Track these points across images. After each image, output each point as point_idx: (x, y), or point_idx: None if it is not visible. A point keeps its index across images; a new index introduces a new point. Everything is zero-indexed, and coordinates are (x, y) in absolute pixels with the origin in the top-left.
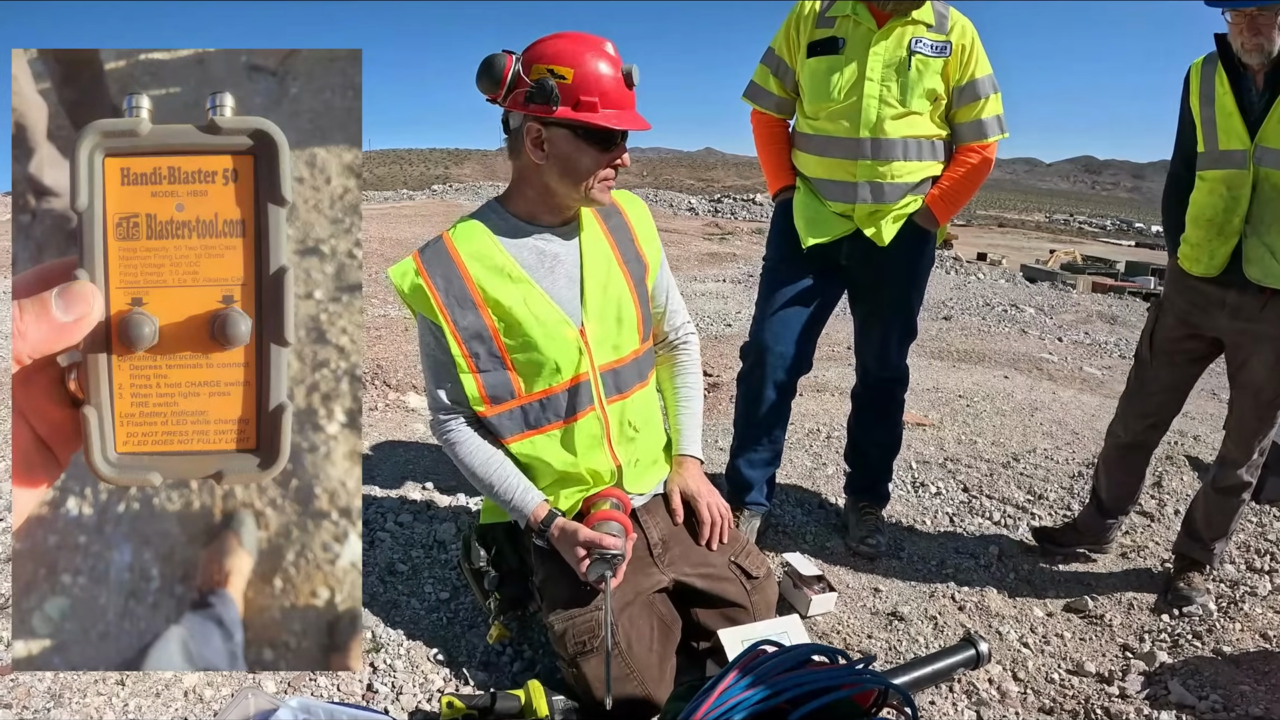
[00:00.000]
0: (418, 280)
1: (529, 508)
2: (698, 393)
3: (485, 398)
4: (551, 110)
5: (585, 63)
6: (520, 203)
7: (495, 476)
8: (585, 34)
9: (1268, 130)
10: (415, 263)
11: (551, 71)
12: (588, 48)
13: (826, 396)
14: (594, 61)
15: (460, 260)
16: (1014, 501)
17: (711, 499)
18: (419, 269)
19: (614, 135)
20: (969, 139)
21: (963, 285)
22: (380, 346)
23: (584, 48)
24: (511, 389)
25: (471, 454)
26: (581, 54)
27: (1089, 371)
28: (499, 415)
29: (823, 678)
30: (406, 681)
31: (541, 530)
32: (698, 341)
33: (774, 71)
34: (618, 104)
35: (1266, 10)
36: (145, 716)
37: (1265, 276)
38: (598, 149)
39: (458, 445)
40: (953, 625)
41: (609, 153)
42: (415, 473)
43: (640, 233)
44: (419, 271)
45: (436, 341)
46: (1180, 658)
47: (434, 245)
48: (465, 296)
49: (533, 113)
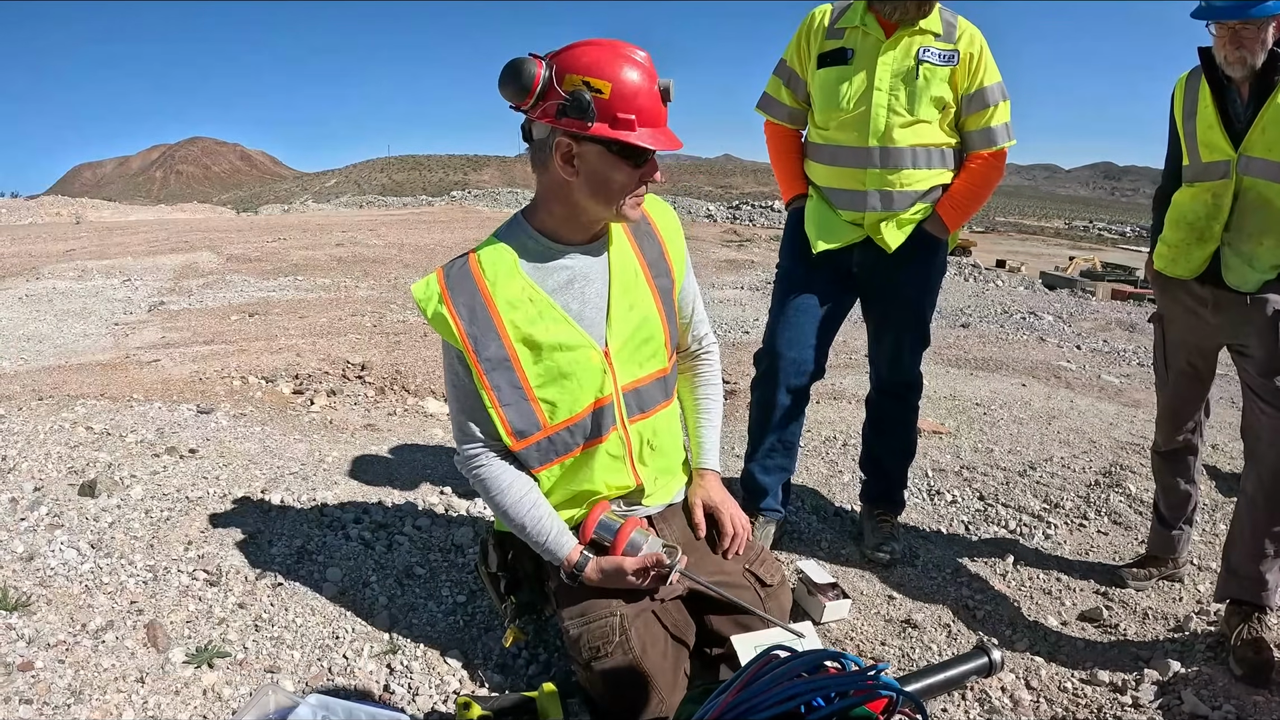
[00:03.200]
0: (441, 309)
1: (562, 553)
2: (718, 404)
3: (510, 433)
4: (587, 126)
5: (623, 76)
6: (547, 219)
7: (529, 519)
8: (620, 43)
9: (1252, 140)
10: (440, 287)
11: (587, 84)
12: (626, 60)
13: (843, 404)
14: (632, 75)
15: (485, 287)
16: (1030, 510)
17: (734, 511)
18: (443, 296)
19: (648, 152)
20: (978, 146)
21: (981, 293)
22: (399, 352)
23: (622, 60)
24: (536, 421)
25: (503, 492)
26: (620, 67)
27: (1107, 379)
28: (527, 449)
29: (835, 683)
30: (423, 683)
31: (574, 574)
32: (718, 351)
33: (786, 83)
34: (653, 121)
35: (1249, 24)
36: (164, 714)
37: (1243, 283)
38: (631, 166)
39: (488, 482)
40: (966, 633)
41: (641, 169)
42: (433, 477)
43: (669, 242)
44: (443, 299)
45: (466, 371)
46: (1194, 668)
47: (460, 268)
48: (489, 325)
49: (565, 127)
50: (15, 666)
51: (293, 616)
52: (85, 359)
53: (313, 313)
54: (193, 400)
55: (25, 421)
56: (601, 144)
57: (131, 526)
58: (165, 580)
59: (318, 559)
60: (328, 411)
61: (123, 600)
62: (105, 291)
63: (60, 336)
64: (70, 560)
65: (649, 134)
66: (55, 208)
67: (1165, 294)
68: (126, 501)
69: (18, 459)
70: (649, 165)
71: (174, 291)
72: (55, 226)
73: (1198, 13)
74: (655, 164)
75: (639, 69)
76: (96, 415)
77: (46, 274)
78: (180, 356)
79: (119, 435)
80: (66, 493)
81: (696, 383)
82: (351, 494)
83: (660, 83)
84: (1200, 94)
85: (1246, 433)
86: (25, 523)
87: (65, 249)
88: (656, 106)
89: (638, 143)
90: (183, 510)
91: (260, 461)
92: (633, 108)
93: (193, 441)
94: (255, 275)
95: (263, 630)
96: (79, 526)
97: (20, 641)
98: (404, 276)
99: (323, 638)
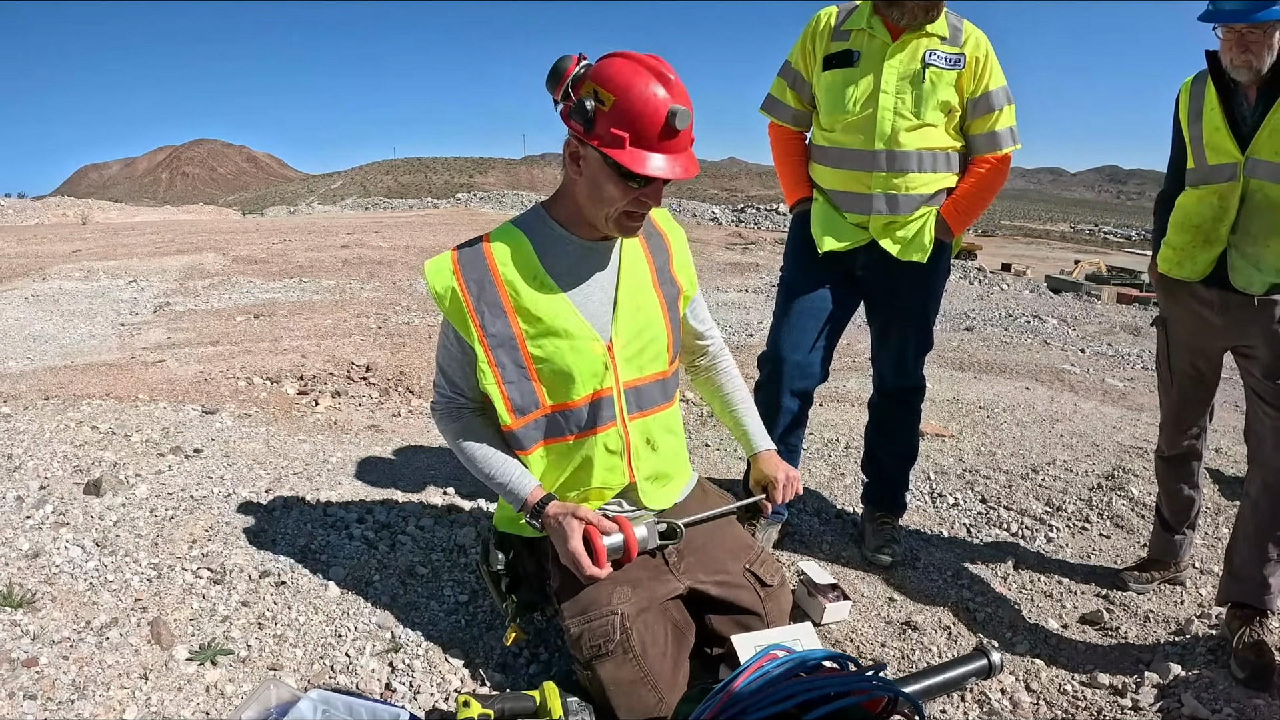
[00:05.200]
0: (452, 282)
1: (524, 493)
2: (747, 394)
3: (511, 409)
4: (583, 134)
5: (630, 93)
6: (563, 210)
7: (494, 461)
8: (657, 61)
9: (1259, 143)
10: (452, 263)
11: (596, 93)
12: (645, 78)
13: (846, 406)
14: (643, 94)
15: (495, 266)
16: (1032, 513)
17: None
18: (455, 270)
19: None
20: (983, 150)
21: (986, 296)
22: (404, 353)
23: (641, 78)
24: (536, 400)
25: (467, 433)
26: (634, 83)
27: (1111, 383)
28: (524, 427)
29: (832, 684)
30: (424, 681)
31: (537, 511)
32: (729, 353)
33: (791, 85)
34: (650, 144)
35: (1256, 28)
36: (168, 710)
37: (1249, 285)
38: (623, 182)
39: (455, 423)
40: (966, 636)
41: (638, 190)
42: (437, 478)
43: (677, 257)
44: (454, 273)
45: (459, 344)
46: (1195, 671)
47: (473, 248)
48: (496, 303)
49: (571, 129)
50: (20, 663)
51: (295, 615)
52: (91, 359)
53: (318, 314)
54: (198, 401)
55: (31, 421)
56: (600, 154)
57: (136, 525)
58: (169, 578)
59: (321, 558)
60: (332, 412)
61: (127, 598)
62: (111, 292)
63: (66, 337)
64: (75, 558)
65: (639, 156)
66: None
67: (1170, 297)
68: (131, 500)
69: (24, 457)
70: (649, 189)
71: (179, 293)
72: (61, 227)
73: (1205, 16)
74: (657, 189)
75: (651, 89)
76: (102, 415)
77: (53, 274)
78: (185, 357)
79: (124, 435)
80: (72, 491)
81: (720, 380)
82: (355, 494)
83: (671, 108)
84: (1206, 97)
85: (1250, 436)
86: (31, 520)
87: (71, 250)
88: (657, 130)
89: (618, 160)
90: (187, 509)
91: (264, 461)
92: (630, 127)
93: (197, 441)
94: (261, 277)
95: (266, 628)
96: (84, 524)
97: (25, 638)
98: (409, 278)
99: (325, 636)
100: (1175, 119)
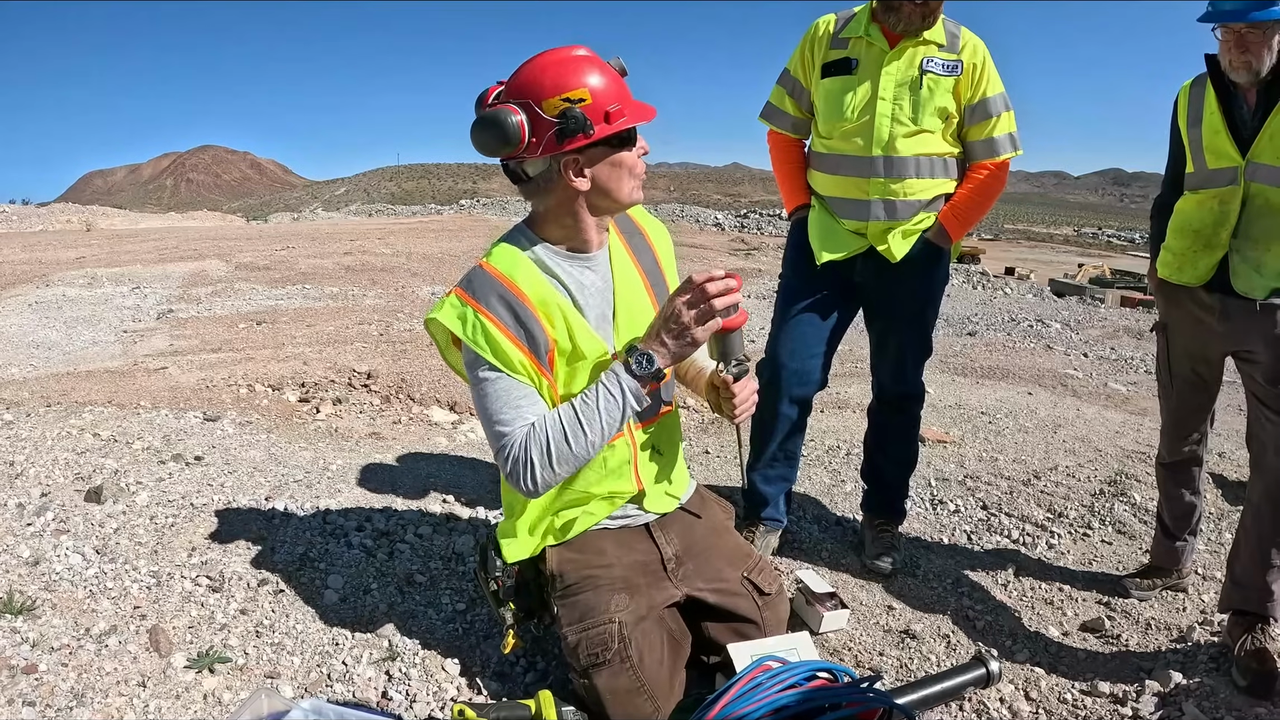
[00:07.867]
0: (479, 319)
1: (628, 396)
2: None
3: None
4: (590, 136)
5: (589, 78)
6: (556, 231)
7: (588, 430)
8: (560, 49)
9: (1260, 146)
10: (468, 303)
11: (568, 100)
12: (580, 62)
13: (847, 413)
14: (594, 72)
15: (510, 283)
16: (1033, 520)
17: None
18: (476, 308)
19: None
20: (981, 157)
21: (989, 300)
22: (405, 361)
23: (578, 64)
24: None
25: (546, 424)
26: (582, 71)
27: (1114, 388)
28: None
29: (826, 695)
30: (421, 689)
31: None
32: None
33: (789, 92)
34: (628, 100)
35: (1255, 28)
36: (165, 718)
37: (1251, 290)
38: (628, 149)
39: (544, 445)
40: (966, 644)
41: (634, 147)
42: (436, 485)
43: (663, 256)
44: (478, 311)
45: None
46: (1196, 679)
47: (479, 278)
48: (529, 315)
49: (570, 147)
50: (19, 669)
51: (293, 623)
52: (93, 366)
53: (320, 321)
54: (199, 408)
55: (33, 427)
56: (603, 144)
57: (136, 532)
58: (168, 586)
59: (319, 566)
60: (333, 420)
61: (126, 605)
62: (114, 299)
63: (69, 343)
64: (75, 565)
65: (633, 109)
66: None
67: (1170, 302)
68: (132, 508)
69: (25, 464)
70: (638, 141)
71: (183, 299)
72: (66, 234)
73: (1204, 17)
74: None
75: (593, 63)
76: (104, 422)
77: (56, 281)
78: (188, 364)
79: (125, 442)
80: (73, 498)
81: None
82: (354, 501)
83: (614, 64)
84: (1206, 101)
85: (1252, 441)
86: (31, 528)
87: (75, 256)
88: (624, 87)
89: (634, 124)
90: (187, 517)
91: (265, 469)
92: (613, 98)
93: (199, 449)
94: (263, 284)
95: (264, 636)
96: (84, 532)
97: (24, 645)
98: (411, 285)
99: (323, 644)
100: (1173, 123)
